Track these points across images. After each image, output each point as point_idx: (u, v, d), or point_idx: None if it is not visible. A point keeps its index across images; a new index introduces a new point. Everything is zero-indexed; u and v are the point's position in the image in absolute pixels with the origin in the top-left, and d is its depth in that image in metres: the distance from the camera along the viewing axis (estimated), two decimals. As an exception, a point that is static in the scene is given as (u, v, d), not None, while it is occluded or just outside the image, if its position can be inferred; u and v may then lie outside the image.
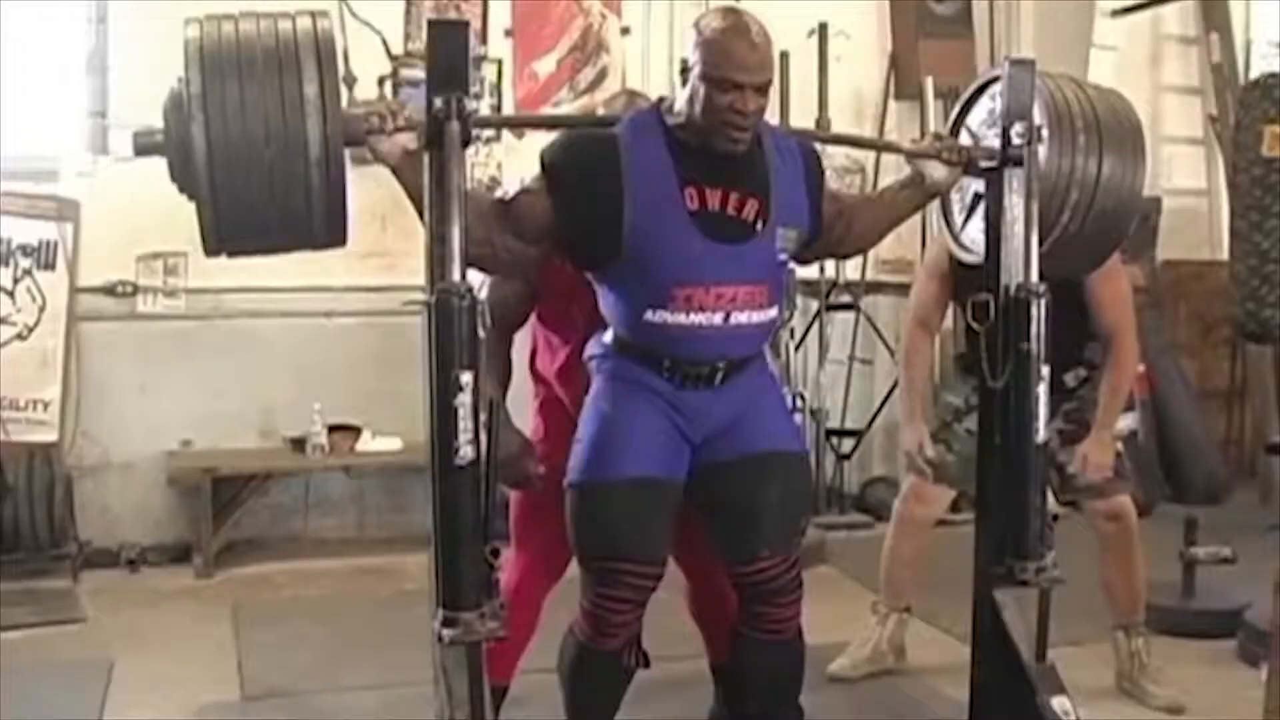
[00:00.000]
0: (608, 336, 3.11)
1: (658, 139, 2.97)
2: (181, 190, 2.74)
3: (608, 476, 3.02)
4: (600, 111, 3.55)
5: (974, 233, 3.44)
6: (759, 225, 3.00)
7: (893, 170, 6.87)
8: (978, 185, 3.36)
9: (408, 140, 2.77)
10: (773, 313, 3.09)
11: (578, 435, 3.11)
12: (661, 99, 3.07)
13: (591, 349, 3.17)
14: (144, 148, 2.81)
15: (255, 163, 2.64)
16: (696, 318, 2.97)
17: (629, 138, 2.97)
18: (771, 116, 6.43)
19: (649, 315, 2.97)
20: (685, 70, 3.03)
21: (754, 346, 3.11)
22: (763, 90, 2.91)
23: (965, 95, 3.47)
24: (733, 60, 2.86)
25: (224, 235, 2.75)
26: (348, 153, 2.72)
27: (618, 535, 3.00)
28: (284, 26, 2.77)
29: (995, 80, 3.32)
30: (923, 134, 6.56)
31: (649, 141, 2.97)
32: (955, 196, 3.49)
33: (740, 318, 3.00)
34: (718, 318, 2.98)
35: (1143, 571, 4.22)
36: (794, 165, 3.08)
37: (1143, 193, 3.36)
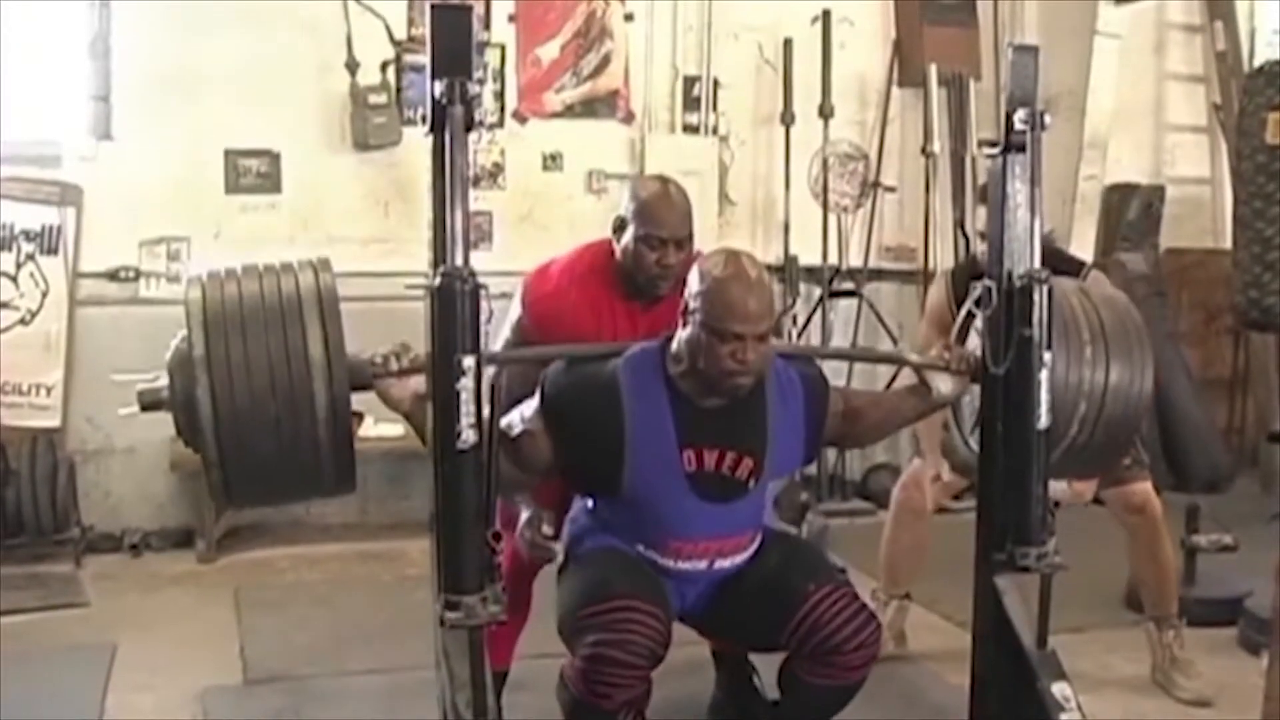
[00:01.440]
0: (592, 508, 3.19)
1: (658, 389, 3.01)
2: (187, 446, 2.81)
3: (609, 546, 3.10)
4: (629, 195, 3.47)
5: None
6: (752, 483, 3.07)
7: (895, 155, 6.89)
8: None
9: (418, 384, 2.81)
10: (754, 548, 3.18)
11: (558, 564, 3.21)
12: (668, 340, 3.05)
13: (578, 518, 3.23)
14: (149, 404, 2.86)
15: (262, 424, 2.70)
16: (684, 565, 3.09)
17: (631, 387, 3.00)
18: (775, 105, 6.40)
19: (640, 549, 3.09)
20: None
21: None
22: (764, 338, 2.94)
23: (969, 304, 3.36)
24: (734, 312, 2.88)
25: (234, 492, 2.83)
26: (351, 140, 2.72)
27: (615, 581, 2.98)
28: (286, 283, 2.81)
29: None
30: (925, 139, 6.61)
31: (650, 394, 3.00)
32: (965, 400, 3.44)
33: (724, 564, 3.12)
34: (703, 564, 3.10)
35: (1174, 564, 4.23)
36: (795, 405, 3.12)
37: (1150, 395, 3.33)
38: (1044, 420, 3.16)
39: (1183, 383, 6.94)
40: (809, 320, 6.65)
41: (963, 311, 3.41)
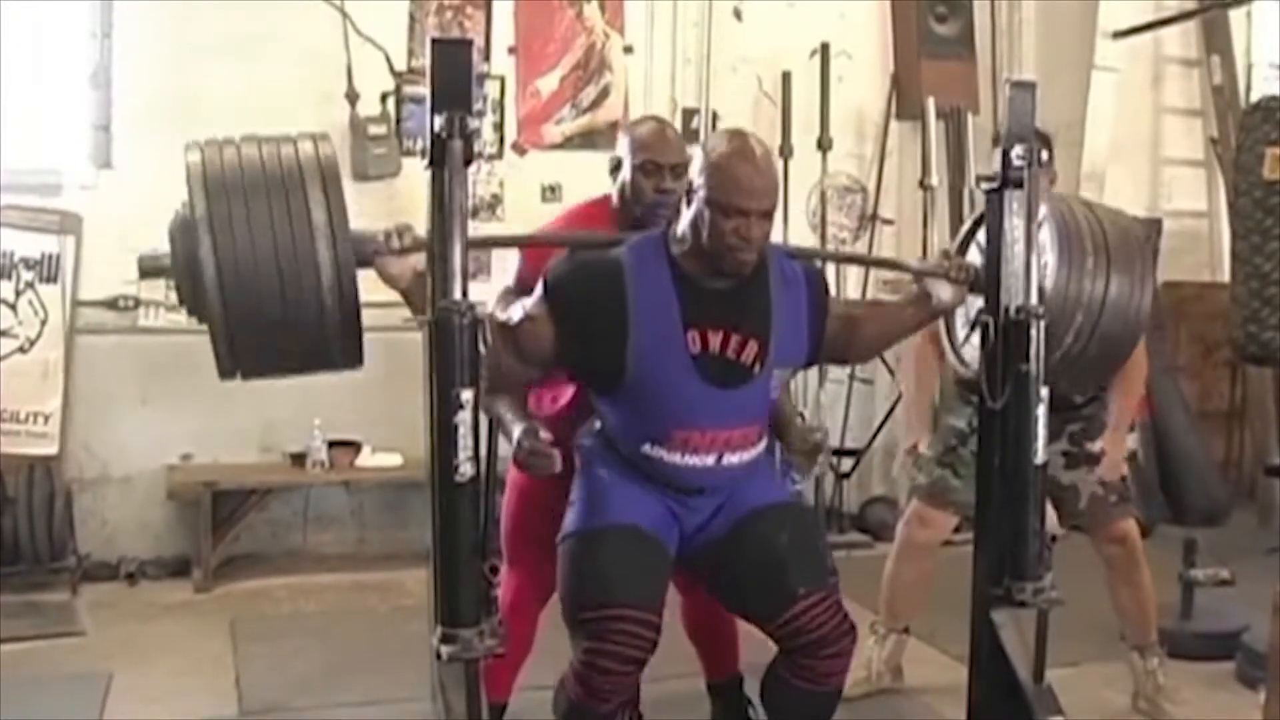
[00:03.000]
0: (600, 427, 3.15)
1: (662, 271, 2.99)
2: (191, 313, 2.73)
3: (599, 524, 3.04)
4: (623, 135, 3.54)
5: (974, 350, 3.43)
6: (757, 368, 3.03)
7: (894, 190, 6.91)
8: (981, 302, 3.34)
9: (415, 261, 2.78)
10: (761, 447, 3.16)
11: (571, 498, 3.13)
12: (669, 224, 3.07)
13: (583, 439, 3.19)
14: (149, 270, 2.81)
15: (266, 283, 2.64)
16: (690, 459, 3.04)
17: (634, 267, 2.98)
18: (774, 137, 6.45)
19: (645, 448, 3.04)
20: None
21: (744, 476, 3.14)
22: (768, 215, 2.93)
23: (974, 216, 3.47)
24: (739, 186, 2.88)
25: (238, 357, 2.75)
26: (351, 171, 2.72)
27: (612, 580, 2.95)
28: (286, 151, 2.76)
29: None
30: (923, 172, 6.64)
31: (653, 274, 2.98)
32: (959, 311, 3.46)
33: (731, 459, 3.07)
34: (710, 459, 3.05)
35: (1152, 592, 4.23)
36: (797, 294, 3.10)
37: (1149, 312, 3.35)
38: (1041, 455, 3.17)
39: (1180, 415, 6.94)
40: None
41: (965, 226, 3.45)
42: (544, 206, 6.34)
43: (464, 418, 2.63)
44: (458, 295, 2.65)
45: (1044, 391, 3.16)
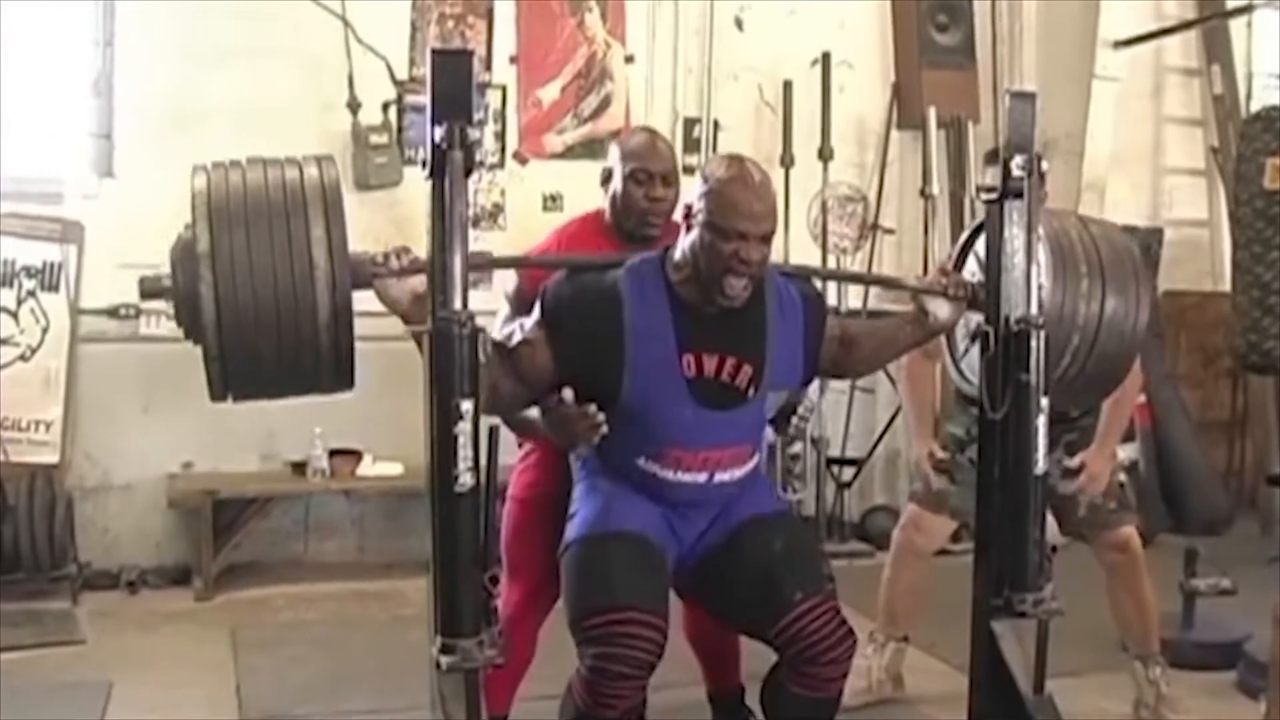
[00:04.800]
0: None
1: (659, 295, 3.01)
2: (186, 336, 2.78)
3: (602, 530, 3.05)
4: (614, 147, 3.56)
5: (974, 362, 3.42)
6: (751, 392, 3.06)
7: (894, 197, 6.91)
8: (980, 317, 3.33)
9: (416, 284, 2.79)
10: (753, 464, 3.18)
11: (571, 509, 3.15)
12: (667, 249, 3.09)
13: (582, 449, 3.19)
14: (150, 292, 2.83)
15: (264, 323, 2.68)
16: (683, 476, 3.07)
17: (631, 292, 3.00)
18: (775, 146, 6.45)
19: (640, 462, 3.07)
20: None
21: (736, 494, 3.16)
22: (766, 239, 2.95)
23: (971, 226, 3.46)
24: (738, 210, 2.90)
25: (231, 386, 2.80)
26: (352, 180, 2.72)
27: (617, 585, 2.97)
28: (290, 175, 2.78)
29: None
30: (924, 182, 6.64)
31: (651, 299, 3.01)
32: (958, 324, 3.44)
33: (723, 476, 3.10)
34: (702, 477, 3.08)
35: (1153, 600, 4.22)
36: (794, 319, 3.12)
37: (1145, 329, 3.34)
38: (1041, 465, 3.16)
39: (1181, 424, 6.95)
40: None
41: (961, 238, 3.44)
42: (545, 216, 6.34)
43: (464, 428, 2.62)
44: (457, 305, 2.64)
45: (1044, 402, 3.15)
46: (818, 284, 3.40)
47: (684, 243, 2.99)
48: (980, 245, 3.39)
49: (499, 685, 3.39)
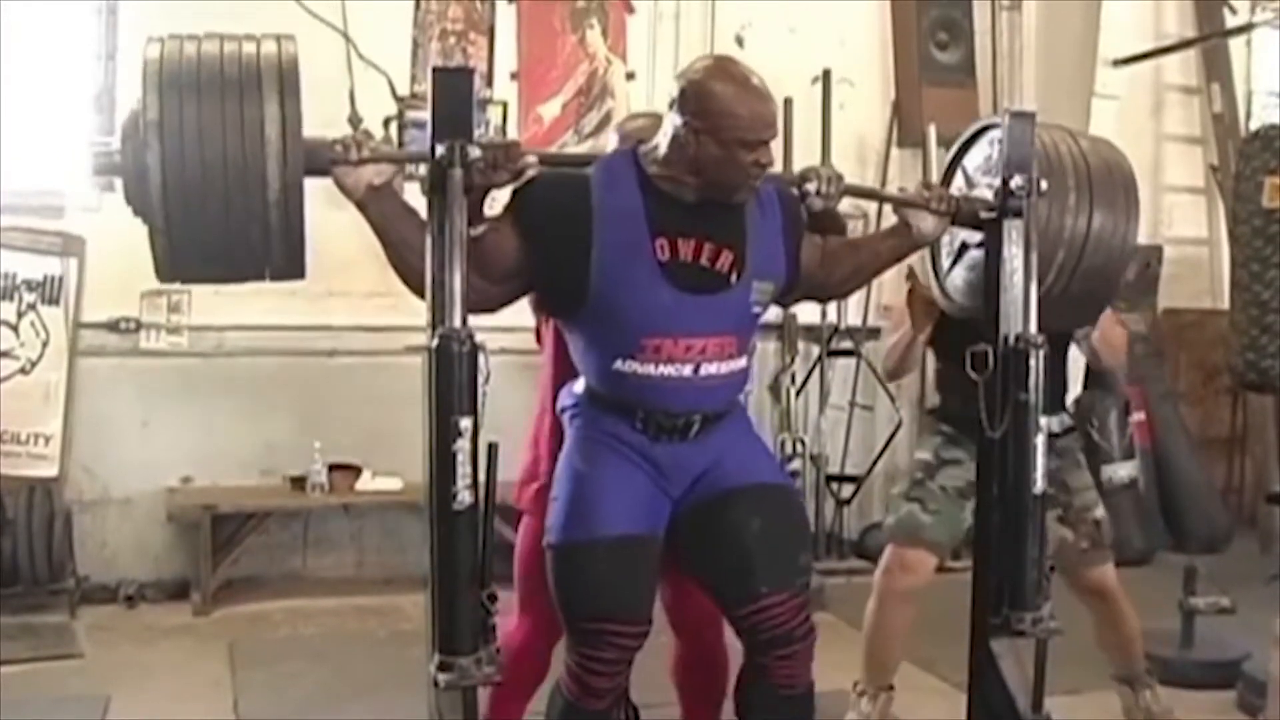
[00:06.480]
0: (579, 386, 3.07)
1: (631, 185, 2.93)
2: (136, 214, 2.71)
3: (586, 538, 2.96)
4: (613, 132, 3.51)
5: (958, 280, 3.43)
6: (733, 277, 2.96)
7: (896, 217, 6.90)
8: (965, 234, 3.34)
9: (373, 174, 2.75)
10: (742, 363, 3.05)
11: (553, 494, 3.05)
12: (640, 143, 3.02)
13: (563, 400, 3.13)
14: (101, 167, 2.78)
15: (211, 194, 2.62)
16: (666, 369, 2.93)
17: (602, 181, 2.93)
18: (775, 163, 6.41)
19: (618, 364, 2.94)
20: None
21: (727, 399, 3.06)
22: (775, 134, 2.94)
23: (962, 139, 3.46)
24: (761, 120, 2.86)
25: (177, 264, 2.74)
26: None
27: (600, 597, 2.93)
28: (247, 50, 2.71)
29: (992, 126, 3.33)
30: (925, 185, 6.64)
31: (622, 187, 2.93)
32: (944, 241, 3.44)
33: (710, 369, 2.96)
34: (687, 369, 2.94)
35: (1137, 630, 4.09)
36: (772, 214, 3.05)
37: (1134, 245, 3.33)
38: (1040, 484, 3.16)
39: (1181, 442, 6.96)
40: (807, 379, 6.66)
41: (951, 151, 3.43)
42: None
43: (463, 445, 2.62)
44: (458, 322, 2.64)
45: (1043, 420, 3.15)
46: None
47: (674, 150, 2.89)
48: (969, 160, 3.38)
49: (510, 698, 3.37)
